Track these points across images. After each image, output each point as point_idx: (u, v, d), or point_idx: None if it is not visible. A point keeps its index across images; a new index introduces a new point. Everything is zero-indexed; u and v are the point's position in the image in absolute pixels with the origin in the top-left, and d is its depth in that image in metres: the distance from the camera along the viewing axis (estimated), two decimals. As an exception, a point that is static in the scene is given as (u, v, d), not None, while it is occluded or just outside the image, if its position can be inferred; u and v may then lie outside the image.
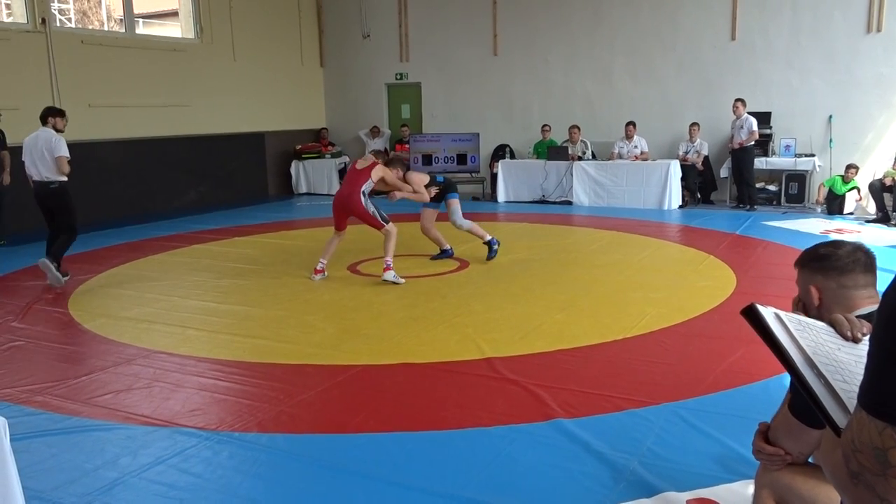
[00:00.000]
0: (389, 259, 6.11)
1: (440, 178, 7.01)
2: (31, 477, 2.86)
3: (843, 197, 9.83)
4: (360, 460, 3.04)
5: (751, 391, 3.68)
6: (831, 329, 1.54)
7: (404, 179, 6.58)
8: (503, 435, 3.25)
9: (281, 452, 3.15)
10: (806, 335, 1.46)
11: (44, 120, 6.82)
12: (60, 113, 6.96)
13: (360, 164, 6.41)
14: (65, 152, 6.76)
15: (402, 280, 6.10)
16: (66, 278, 6.55)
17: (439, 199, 6.93)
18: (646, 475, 2.84)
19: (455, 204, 6.93)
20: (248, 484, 2.90)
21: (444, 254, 7.14)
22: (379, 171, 6.28)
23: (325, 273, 6.37)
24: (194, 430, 3.38)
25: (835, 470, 1.17)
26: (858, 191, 9.81)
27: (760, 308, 1.49)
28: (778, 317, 1.49)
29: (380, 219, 6.21)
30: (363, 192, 6.18)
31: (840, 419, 1.29)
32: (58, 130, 6.85)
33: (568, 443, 3.15)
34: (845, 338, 1.50)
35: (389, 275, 6.05)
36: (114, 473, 2.97)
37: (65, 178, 6.82)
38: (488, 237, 6.94)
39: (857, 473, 1.10)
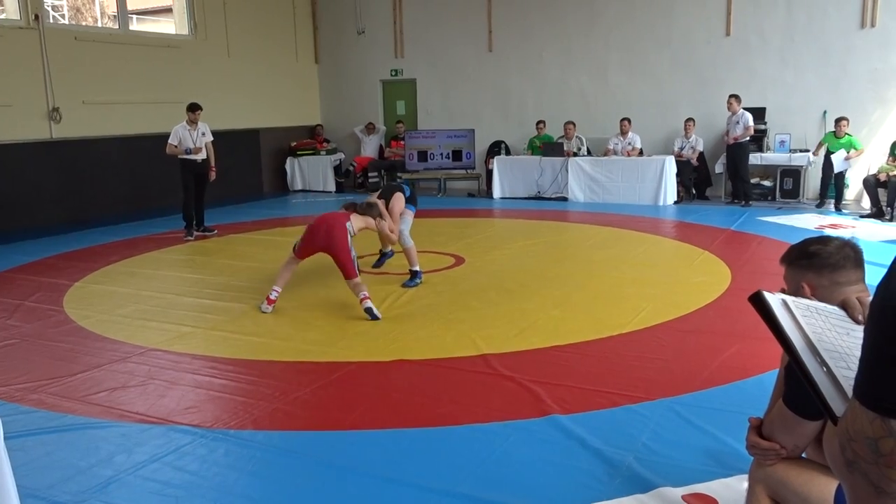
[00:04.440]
0: (366, 292, 5.22)
1: (407, 191, 6.29)
2: (26, 475, 2.85)
3: (841, 186, 9.77)
4: (355, 457, 3.04)
5: (745, 386, 3.69)
6: (843, 313, 1.54)
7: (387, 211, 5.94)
8: (499, 431, 3.25)
9: (276, 450, 3.15)
10: (813, 321, 1.47)
11: None
12: (188, 107, 8.71)
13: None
14: (170, 139, 8.61)
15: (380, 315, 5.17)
16: (211, 233, 8.81)
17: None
18: (641, 470, 2.85)
19: (407, 216, 6.21)
20: (244, 481, 2.89)
21: (384, 257, 6.62)
22: (358, 221, 5.52)
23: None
24: (189, 427, 3.38)
25: (833, 458, 1.20)
26: (851, 149, 9.67)
27: (767, 295, 1.49)
28: (785, 303, 1.49)
29: (356, 266, 5.26)
30: (349, 230, 5.34)
31: (838, 407, 1.31)
32: (189, 122, 8.65)
33: (563, 438, 3.15)
34: (857, 322, 1.51)
35: (368, 304, 5.15)
36: (109, 471, 2.97)
37: (182, 157, 8.63)
38: (417, 267, 6.12)
39: (852, 462, 1.13)
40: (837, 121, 9.66)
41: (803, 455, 1.91)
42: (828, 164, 9.82)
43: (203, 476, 2.93)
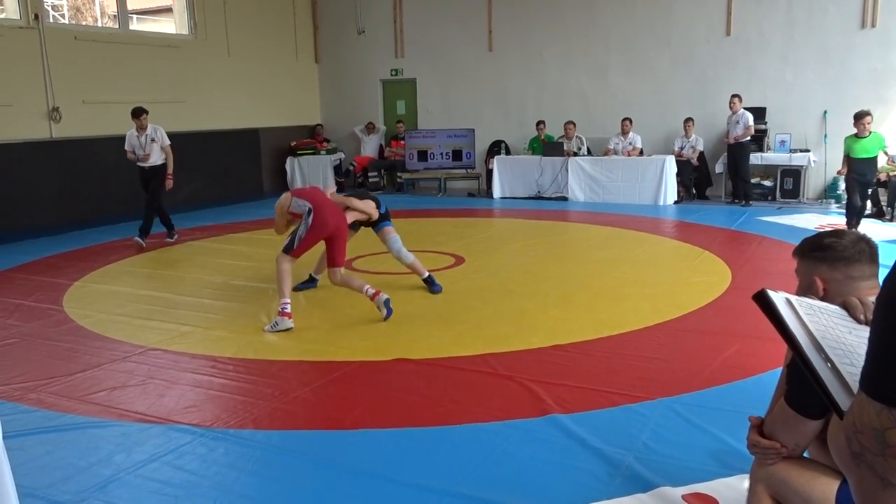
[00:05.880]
0: (368, 287, 5.05)
1: (383, 207, 5.86)
2: (26, 475, 2.85)
3: (870, 168, 7.75)
4: (355, 457, 3.04)
5: (745, 386, 3.68)
6: (844, 312, 1.55)
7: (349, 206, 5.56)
8: (499, 431, 3.25)
9: (276, 449, 3.14)
10: (817, 319, 1.48)
11: None
12: (132, 113, 8.29)
13: (327, 193, 5.49)
14: (125, 145, 8.38)
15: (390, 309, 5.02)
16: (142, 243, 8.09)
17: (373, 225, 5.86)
18: (641, 470, 2.84)
19: (393, 233, 5.86)
20: (243, 481, 2.89)
21: (311, 283, 6.04)
22: (334, 197, 5.42)
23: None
24: (189, 426, 3.37)
25: (839, 451, 1.21)
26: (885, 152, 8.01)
27: (771, 293, 1.51)
28: (789, 302, 1.51)
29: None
30: None
31: (844, 402, 1.32)
32: (137, 128, 8.30)
33: (563, 438, 3.15)
34: (858, 321, 1.51)
35: (382, 297, 4.99)
36: (108, 471, 2.96)
37: (139, 164, 8.36)
38: (426, 273, 5.89)
39: (858, 454, 1.14)
40: (859, 117, 7.81)
41: (805, 454, 1.90)
42: (857, 175, 7.84)
43: (203, 475, 2.92)
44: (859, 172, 7.88)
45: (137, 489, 2.82)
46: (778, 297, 1.49)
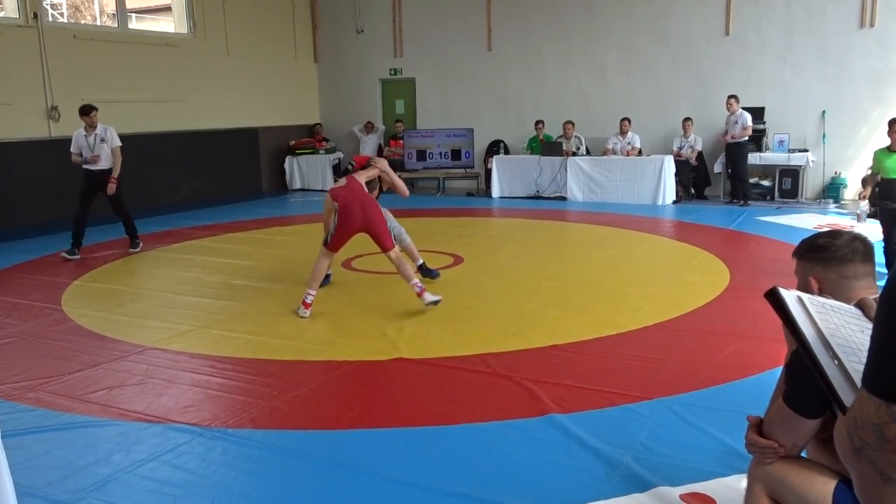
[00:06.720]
0: (417, 281, 5.17)
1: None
2: (24, 473, 2.85)
3: None
4: (353, 456, 3.04)
5: (744, 386, 3.69)
6: (859, 312, 1.56)
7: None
8: (497, 430, 3.25)
9: (274, 448, 3.14)
10: (828, 318, 1.50)
11: None
12: (80, 110, 7.67)
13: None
14: (71, 146, 7.76)
15: (439, 297, 5.14)
16: (135, 249, 7.82)
17: None
18: (639, 470, 2.84)
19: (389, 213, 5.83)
20: (242, 480, 2.89)
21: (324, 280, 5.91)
22: (362, 177, 5.36)
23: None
24: (187, 426, 3.37)
25: (842, 448, 1.22)
26: None
27: (783, 291, 1.53)
28: (800, 300, 1.53)
29: (392, 235, 5.29)
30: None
31: (848, 399, 1.34)
32: (86, 127, 7.67)
33: (562, 438, 3.15)
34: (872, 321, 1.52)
35: (428, 296, 5.08)
36: (106, 470, 2.96)
37: (84, 166, 7.68)
38: (421, 260, 6.08)
39: (859, 449, 1.15)
40: (894, 123, 6.07)
41: (803, 454, 1.91)
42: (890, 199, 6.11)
43: (201, 475, 2.92)
44: (893, 196, 6.03)
45: (136, 488, 2.82)
46: (789, 295, 1.51)
